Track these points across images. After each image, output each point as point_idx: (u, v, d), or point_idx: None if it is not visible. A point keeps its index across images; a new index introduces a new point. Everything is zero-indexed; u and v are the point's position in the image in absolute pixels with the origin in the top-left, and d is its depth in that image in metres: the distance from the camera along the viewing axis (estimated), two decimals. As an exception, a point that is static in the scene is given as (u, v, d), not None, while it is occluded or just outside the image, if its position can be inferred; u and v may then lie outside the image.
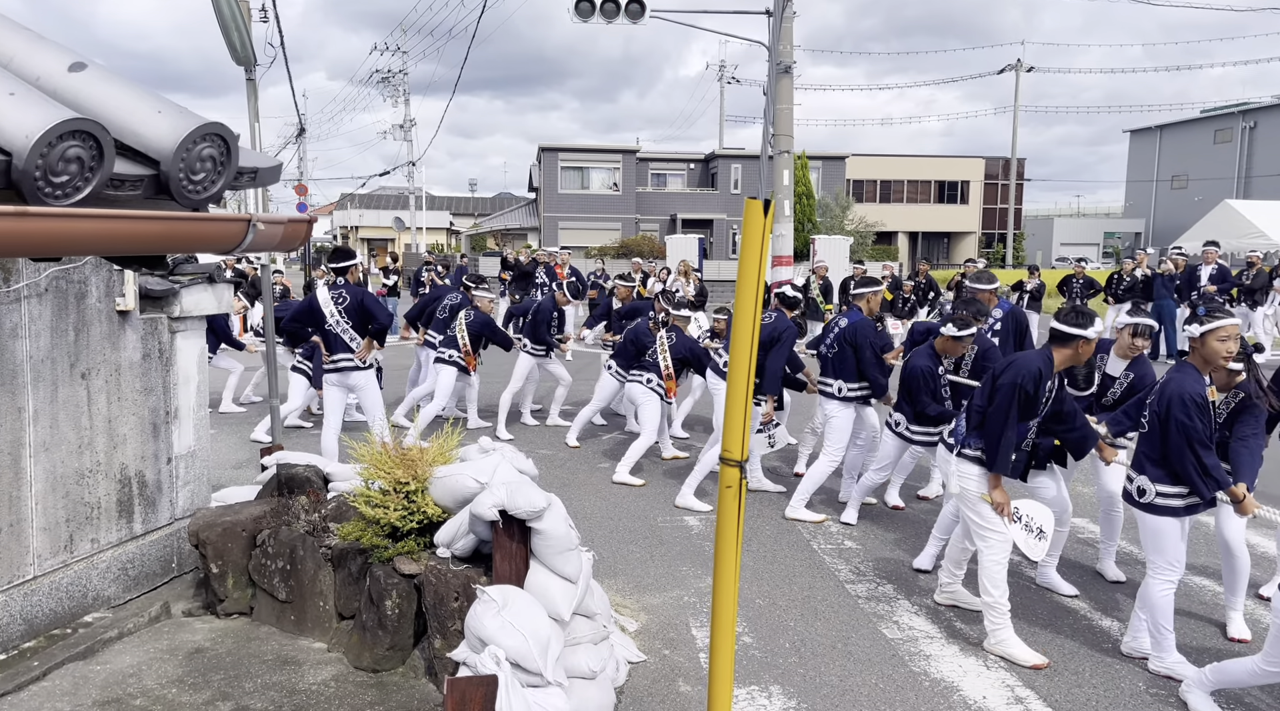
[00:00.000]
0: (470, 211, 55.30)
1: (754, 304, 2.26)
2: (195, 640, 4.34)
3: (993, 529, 4.42)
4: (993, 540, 4.43)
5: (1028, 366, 4.29)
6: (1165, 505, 4.13)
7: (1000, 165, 46.14)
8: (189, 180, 2.16)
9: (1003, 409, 4.28)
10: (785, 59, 12.69)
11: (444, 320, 9.21)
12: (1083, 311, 4.34)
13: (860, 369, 6.40)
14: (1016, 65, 41.33)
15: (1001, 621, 4.39)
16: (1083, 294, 15.12)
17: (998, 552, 4.41)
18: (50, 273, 4.20)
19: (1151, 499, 4.15)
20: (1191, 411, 3.98)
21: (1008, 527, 4.39)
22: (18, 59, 2.12)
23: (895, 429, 6.18)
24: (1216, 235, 18.68)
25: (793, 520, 6.42)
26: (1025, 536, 4.41)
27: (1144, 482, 4.18)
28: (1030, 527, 4.42)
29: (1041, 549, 4.43)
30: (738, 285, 2.29)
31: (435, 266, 18.21)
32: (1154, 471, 4.16)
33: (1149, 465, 4.18)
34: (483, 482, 3.89)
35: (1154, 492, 4.15)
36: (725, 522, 2.40)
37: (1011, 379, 4.27)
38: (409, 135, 40.66)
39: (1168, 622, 4.17)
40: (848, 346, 6.42)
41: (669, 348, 7.51)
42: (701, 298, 15.65)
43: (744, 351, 2.30)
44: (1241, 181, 40.37)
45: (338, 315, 6.84)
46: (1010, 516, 4.39)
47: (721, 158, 38.30)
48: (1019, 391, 4.26)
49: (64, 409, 4.31)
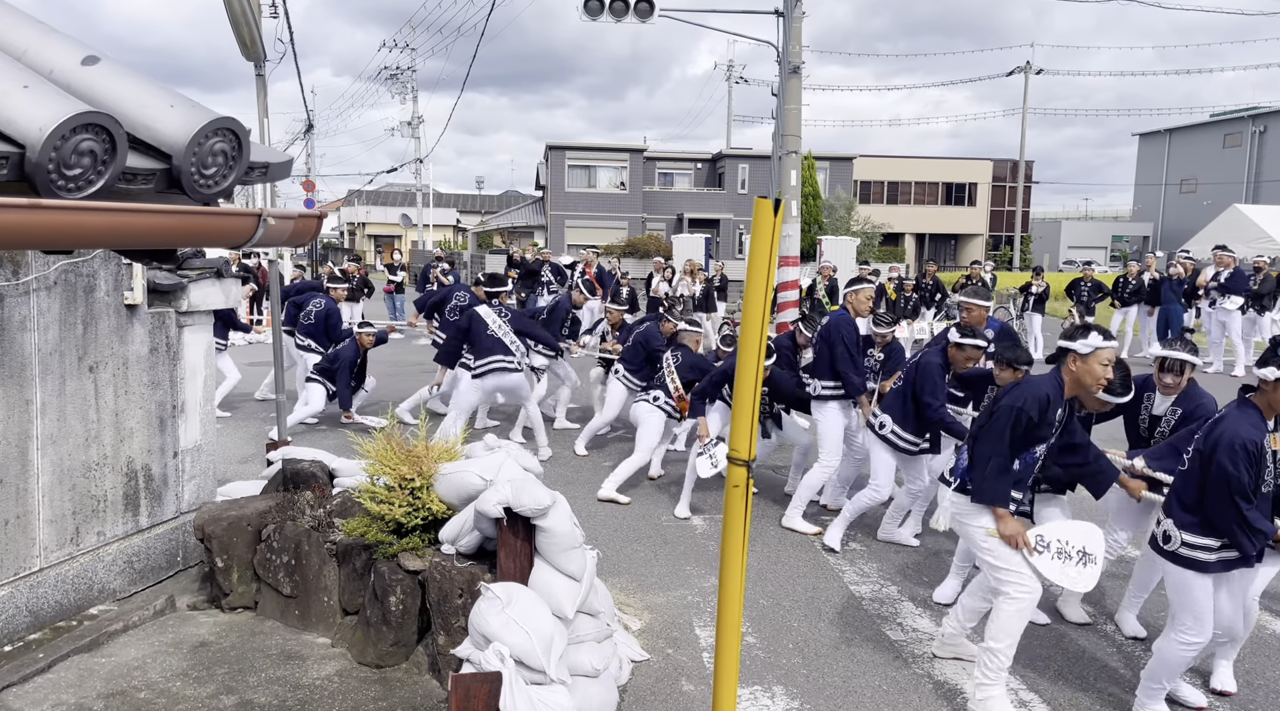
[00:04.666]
0: (477, 209, 55.35)
1: (763, 303, 2.26)
2: (200, 634, 4.35)
3: (1012, 570, 3.78)
4: (1012, 586, 3.77)
5: (1034, 390, 3.79)
6: (1191, 557, 3.65)
7: (1008, 167, 46.03)
8: (201, 174, 2.17)
9: (997, 431, 3.77)
10: (794, 59, 12.66)
11: (455, 322, 9.04)
12: (1083, 326, 3.88)
13: (833, 366, 6.16)
14: (1025, 68, 41.22)
15: (994, 677, 3.81)
16: (1090, 297, 15.07)
17: (1019, 603, 3.76)
18: (59, 266, 4.22)
19: (1176, 548, 3.68)
20: (1240, 460, 3.49)
21: (1033, 562, 3.74)
22: (31, 52, 2.13)
23: (879, 431, 5.73)
24: (1225, 240, 18.61)
25: (788, 529, 6.24)
26: (1062, 566, 3.72)
27: (1170, 527, 3.72)
28: (1067, 554, 3.74)
29: (1091, 577, 3.73)
30: (746, 285, 2.29)
31: (443, 263, 18.23)
32: (1184, 517, 3.68)
33: (1179, 509, 3.71)
34: (488, 480, 3.89)
35: (1179, 541, 3.67)
36: (732, 522, 2.40)
37: (1012, 401, 3.78)
38: (416, 132, 40.70)
39: (1171, 680, 3.81)
40: (824, 344, 6.26)
41: (674, 368, 7.15)
42: (707, 297, 15.65)
43: (752, 350, 2.30)
44: (1251, 186, 40.21)
45: (501, 325, 7.72)
46: (1032, 548, 3.76)
47: (729, 157, 38.26)
48: (1020, 416, 3.74)
49: (71, 402, 4.33)
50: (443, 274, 17.65)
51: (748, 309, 2.29)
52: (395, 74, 40.32)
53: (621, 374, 8.08)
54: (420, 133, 40.79)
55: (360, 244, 52.59)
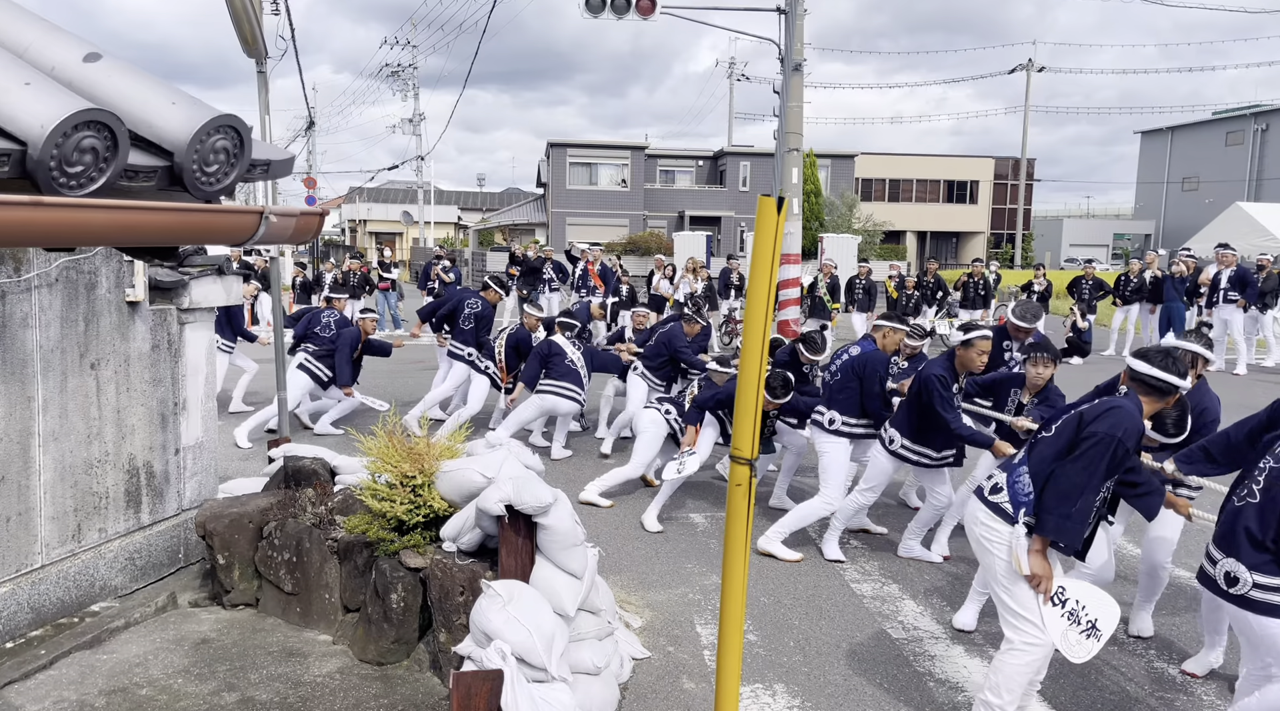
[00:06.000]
0: (478, 206, 55.31)
1: (765, 301, 2.26)
2: (201, 630, 4.36)
3: (1027, 618, 3.41)
4: (1023, 634, 3.41)
5: (1131, 419, 3.35)
6: (1268, 602, 3.13)
7: (1010, 165, 45.98)
8: (202, 172, 2.16)
9: (1090, 462, 3.29)
10: (796, 56, 12.65)
11: (469, 330, 8.74)
12: (1178, 358, 3.54)
13: (863, 402, 5.83)
14: (1028, 65, 41.14)
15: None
16: (1092, 295, 15.07)
17: (1026, 656, 3.40)
18: (61, 263, 4.22)
19: (1246, 591, 3.16)
20: None
21: (1044, 611, 3.39)
22: (33, 49, 2.12)
23: (889, 446, 5.56)
24: (1227, 238, 18.60)
25: (765, 553, 5.69)
26: (1066, 627, 3.37)
27: (1236, 567, 3.19)
28: (1077, 618, 3.37)
29: (1087, 651, 3.35)
30: (749, 283, 2.28)
31: (444, 261, 18.19)
32: (1256, 556, 3.16)
33: (1249, 547, 3.18)
34: (489, 477, 3.89)
35: (1250, 583, 3.15)
36: (735, 520, 2.40)
37: (1111, 430, 3.29)
38: (418, 129, 40.70)
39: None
40: (854, 378, 5.84)
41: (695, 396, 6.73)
42: (710, 296, 15.64)
43: (755, 350, 2.29)
44: (1252, 184, 40.15)
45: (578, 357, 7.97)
46: (1049, 596, 3.39)
47: (730, 155, 38.23)
48: (1118, 448, 3.29)
49: (73, 399, 4.33)
50: (444, 271, 17.64)
51: (750, 307, 2.29)
52: (397, 71, 40.34)
53: (641, 371, 8.09)
54: (421, 130, 40.82)
55: (361, 241, 52.58)
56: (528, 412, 7.85)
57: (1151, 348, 3.68)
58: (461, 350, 8.74)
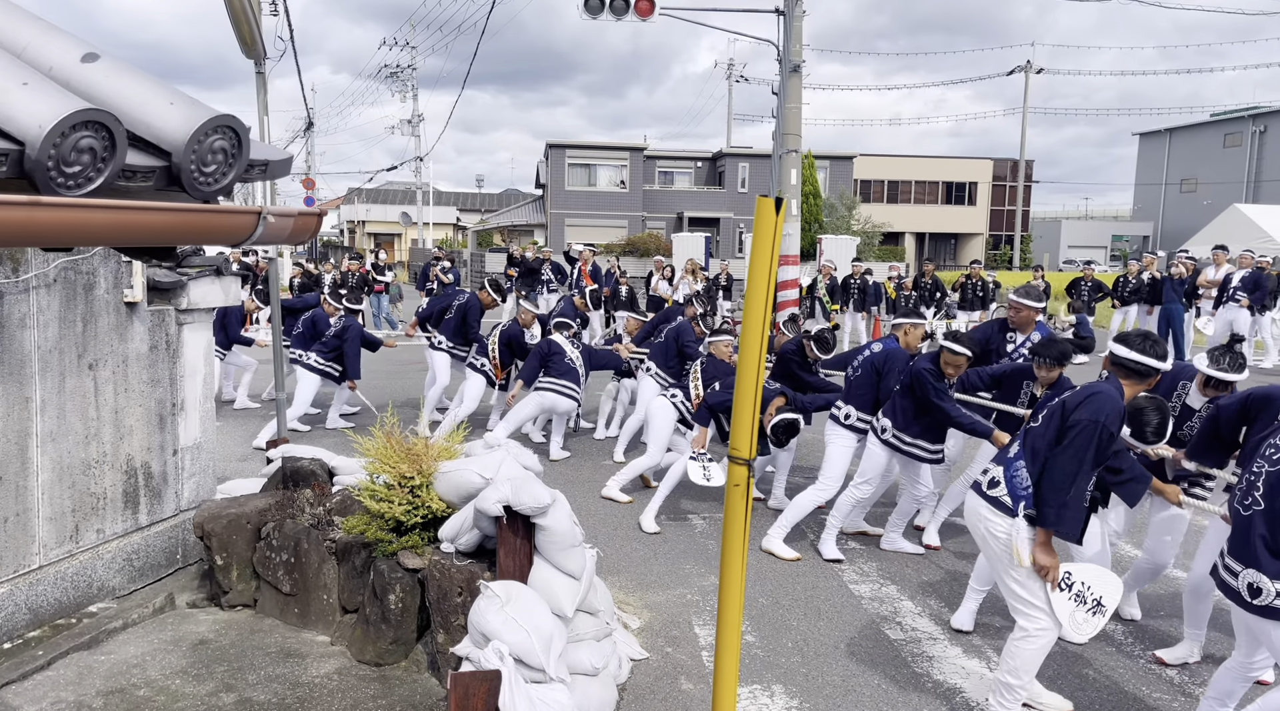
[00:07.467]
0: (477, 207, 55.30)
1: (764, 302, 2.26)
2: (199, 631, 4.35)
3: (1035, 605, 3.53)
4: (1032, 621, 3.53)
5: (1113, 404, 3.43)
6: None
7: (1008, 166, 46.01)
8: (200, 172, 2.16)
9: (1078, 449, 3.38)
10: (794, 58, 12.65)
11: (450, 320, 8.94)
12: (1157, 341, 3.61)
13: (879, 398, 5.88)
14: (1026, 67, 41.18)
15: (1011, 707, 3.62)
16: (1090, 296, 15.09)
17: (1038, 641, 3.53)
18: (59, 263, 4.21)
19: (1271, 601, 3.07)
20: None
21: (1052, 597, 3.51)
22: (31, 49, 2.12)
23: (881, 435, 5.65)
24: (1225, 239, 18.62)
25: (767, 552, 5.76)
26: (1073, 609, 3.49)
27: (1257, 578, 3.10)
28: (1083, 598, 3.49)
29: (1092, 628, 3.50)
30: (748, 284, 2.29)
31: (443, 261, 18.18)
32: (1276, 565, 3.08)
33: (1268, 557, 3.10)
34: (487, 478, 3.89)
35: (1274, 593, 3.06)
36: (733, 521, 2.40)
37: (1093, 416, 3.38)
38: (417, 130, 40.70)
39: None
40: (874, 373, 5.91)
41: (700, 373, 6.84)
42: (710, 297, 15.64)
43: (754, 349, 2.29)
44: (1251, 186, 40.21)
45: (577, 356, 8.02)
46: (1056, 583, 3.49)
47: (729, 156, 38.25)
48: (1103, 433, 3.37)
49: (71, 399, 4.32)
50: (443, 272, 17.65)
51: (749, 308, 2.29)
52: (395, 72, 40.34)
53: (653, 371, 8.07)
54: (420, 131, 40.84)
55: (360, 242, 52.57)
56: (527, 410, 7.87)
57: (1132, 332, 3.75)
58: (439, 340, 9.02)
